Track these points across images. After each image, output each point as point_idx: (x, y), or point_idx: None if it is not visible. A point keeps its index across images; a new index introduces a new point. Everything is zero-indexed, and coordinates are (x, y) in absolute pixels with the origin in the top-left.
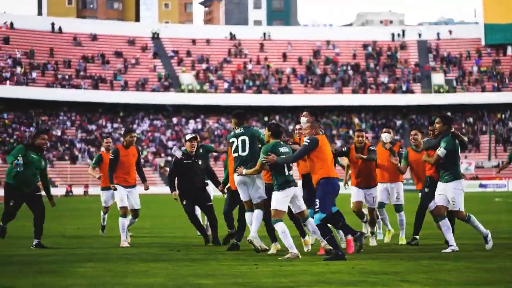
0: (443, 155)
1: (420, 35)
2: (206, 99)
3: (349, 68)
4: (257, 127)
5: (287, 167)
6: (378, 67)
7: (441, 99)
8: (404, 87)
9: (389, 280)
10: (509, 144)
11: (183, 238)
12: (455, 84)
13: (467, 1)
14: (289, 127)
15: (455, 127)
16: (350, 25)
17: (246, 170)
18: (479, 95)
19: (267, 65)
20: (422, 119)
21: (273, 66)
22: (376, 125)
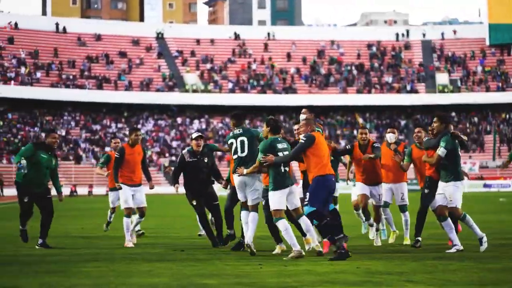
0: (443, 155)
1: (424, 35)
2: (210, 99)
3: (354, 68)
4: (262, 127)
5: (284, 164)
6: (382, 67)
7: (445, 99)
8: (409, 87)
9: (394, 280)
10: None
11: (188, 238)
12: (460, 84)
13: (472, 1)
14: (294, 127)
15: (459, 127)
16: (354, 25)
17: (246, 170)
18: (483, 95)
19: (271, 65)
20: (426, 119)
21: (277, 66)
22: (380, 125)
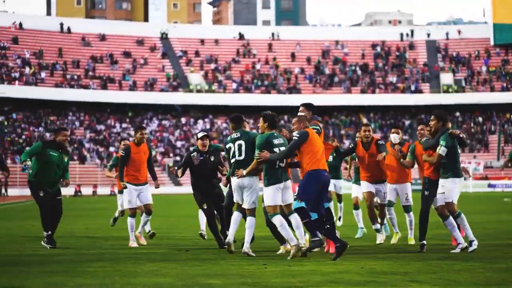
0: (444, 153)
1: (428, 35)
2: (214, 99)
3: (358, 68)
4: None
5: (279, 159)
6: (386, 67)
7: (450, 99)
8: (413, 87)
9: (398, 280)
10: None
11: (192, 238)
12: (464, 84)
13: (476, 1)
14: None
15: (463, 127)
16: (359, 25)
17: (244, 170)
18: (488, 95)
19: (275, 65)
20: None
21: (281, 66)
22: (384, 125)
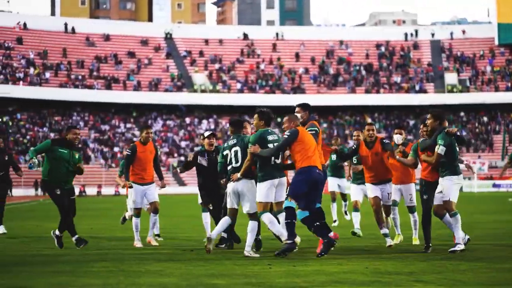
0: (443, 153)
1: (433, 34)
2: (219, 99)
3: (362, 68)
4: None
5: (274, 155)
6: (391, 67)
7: (454, 98)
8: (417, 87)
9: (403, 281)
10: None
11: (197, 238)
12: (469, 84)
13: (480, 1)
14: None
15: (468, 127)
16: (363, 25)
17: (239, 173)
18: (492, 95)
19: (279, 65)
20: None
21: (285, 66)
22: (389, 125)
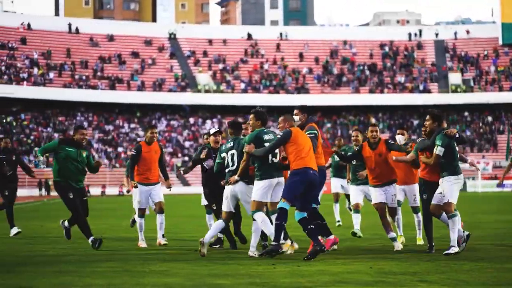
0: (441, 153)
1: (437, 34)
2: (222, 99)
3: (366, 68)
4: (273, 127)
5: (272, 154)
6: (395, 66)
7: (458, 98)
8: (421, 87)
9: (407, 281)
10: None
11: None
12: (472, 84)
13: (484, 1)
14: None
15: (472, 126)
16: (367, 25)
17: (236, 176)
18: (496, 95)
19: (283, 65)
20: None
21: (289, 66)
22: (393, 125)
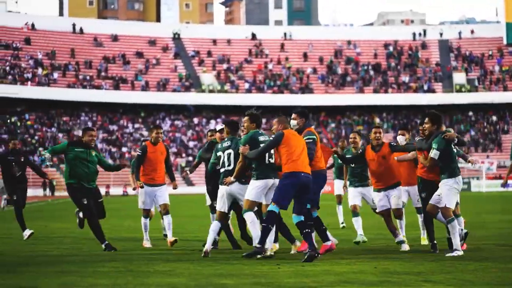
0: (436, 157)
1: (441, 34)
2: (227, 99)
3: (370, 67)
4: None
5: (268, 155)
6: (399, 66)
7: (462, 98)
8: (426, 87)
9: (412, 280)
10: None
11: (205, 239)
12: (477, 84)
13: (489, 0)
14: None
15: (476, 126)
16: (371, 24)
17: (232, 177)
18: (501, 95)
19: (287, 65)
20: (443, 119)
21: (293, 66)
22: (397, 125)
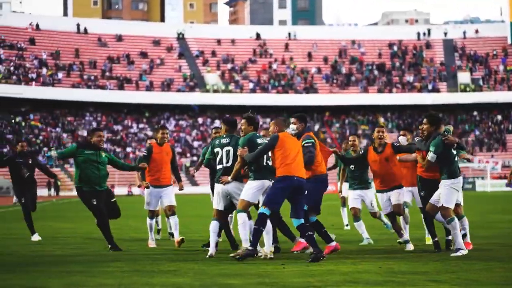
0: (433, 160)
1: (445, 34)
2: (231, 99)
3: (375, 67)
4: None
5: (266, 157)
6: (403, 66)
7: (467, 98)
8: (430, 86)
9: (417, 280)
10: None
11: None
12: (481, 83)
13: (493, 0)
14: (315, 127)
15: (480, 126)
16: (376, 24)
17: (229, 177)
18: (505, 94)
19: (292, 65)
20: (448, 118)
21: (297, 66)
22: (402, 124)
